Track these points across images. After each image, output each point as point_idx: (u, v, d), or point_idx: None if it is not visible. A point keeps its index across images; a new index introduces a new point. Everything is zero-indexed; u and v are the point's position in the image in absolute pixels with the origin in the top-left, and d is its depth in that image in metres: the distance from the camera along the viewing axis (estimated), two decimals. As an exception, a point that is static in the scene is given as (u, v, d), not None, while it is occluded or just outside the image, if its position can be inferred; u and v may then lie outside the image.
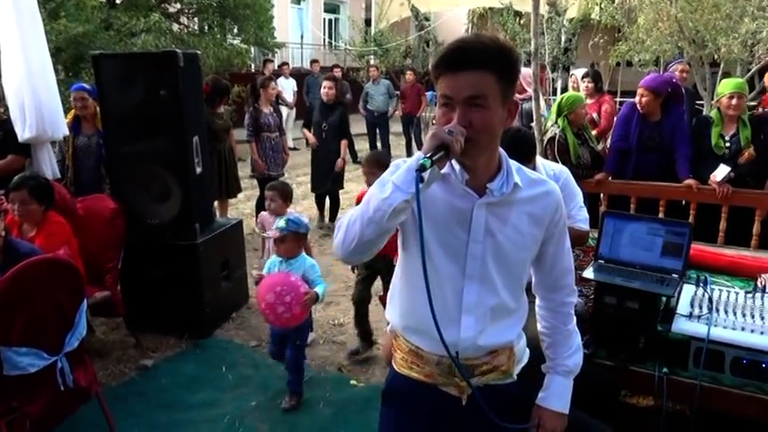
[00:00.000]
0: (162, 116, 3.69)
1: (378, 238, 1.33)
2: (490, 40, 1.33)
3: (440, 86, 1.35)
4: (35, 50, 3.84)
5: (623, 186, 4.27)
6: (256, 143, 5.73)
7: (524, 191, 1.45)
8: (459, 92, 1.31)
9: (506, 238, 1.44)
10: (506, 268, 1.48)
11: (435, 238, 1.44)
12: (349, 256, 1.38)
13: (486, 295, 1.47)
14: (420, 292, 1.40)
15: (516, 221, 1.45)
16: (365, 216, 1.31)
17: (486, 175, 1.43)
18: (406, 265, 1.53)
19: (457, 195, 1.44)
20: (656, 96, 4.19)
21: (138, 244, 3.83)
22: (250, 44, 11.46)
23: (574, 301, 1.65)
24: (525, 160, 2.67)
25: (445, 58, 1.33)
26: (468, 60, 1.30)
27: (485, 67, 1.30)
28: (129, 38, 8.69)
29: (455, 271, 1.46)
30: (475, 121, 1.31)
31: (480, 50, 1.31)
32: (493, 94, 1.32)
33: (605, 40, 11.74)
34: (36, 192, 3.11)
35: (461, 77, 1.30)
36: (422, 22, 15.90)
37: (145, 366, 3.57)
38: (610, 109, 5.39)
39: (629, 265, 2.68)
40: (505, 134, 2.65)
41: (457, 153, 1.27)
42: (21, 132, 3.85)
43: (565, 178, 2.81)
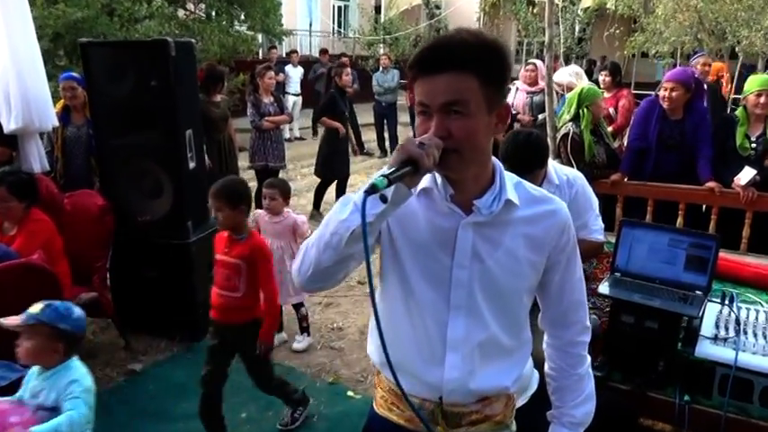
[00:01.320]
0: (153, 108, 3.50)
1: (337, 265, 1.15)
2: (472, 36, 1.14)
3: (416, 92, 1.17)
4: (21, 35, 3.62)
5: (640, 188, 4.04)
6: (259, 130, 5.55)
7: (522, 209, 1.25)
8: (435, 97, 1.13)
9: (497, 264, 1.24)
10: (497, 298, 1.27)
11: (415, 263, 1.25)
12: (307, 285, 1.21)
13: (475, 329, 1.26)
14: (399, 325, 1.25)
15: (510, 244, 1.25)
16: (322, 240, 1.14)
17: (476, 190, 1.23)
18: (385, 296, 1.34)
19: (440, 213, 1.24)
20: (686, 91, 3.93)
21: (129, 242, 3.66)
22: (257, 31, 11.23)
23: (586, 341, 1.42)
24: (537, 167, 2.47)
25: (419, 59, 1.15)
26: (446, 61, 1.11)
27: (465, 69, 1.11)
28: (131, 24, 8.48)
29: (438, 300, 1.26)
30: (455, 130, 1.12)
31: (459, 48, 1.12)
32: (475, 99, 1.13)
33: (621, 30, 11.43)
34: (16, 188, 2.94)
35: (437, 81, 1.12)
36: (432, 11, 15.64)
37: (133, 371, 3.41)
38: (628, 104, 5.14)
39: (648, 279, 2.48)
40: (515, 139, 2.46)
41: (428, 168, 1.08)
42: (6, 123, 3.65)
43: (580, 185, 2.59)
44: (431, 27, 16.17)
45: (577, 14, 12.43)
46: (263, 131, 5.54)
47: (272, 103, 5.62)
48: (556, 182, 2.54)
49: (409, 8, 16.45)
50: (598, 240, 2.61)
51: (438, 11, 15.78)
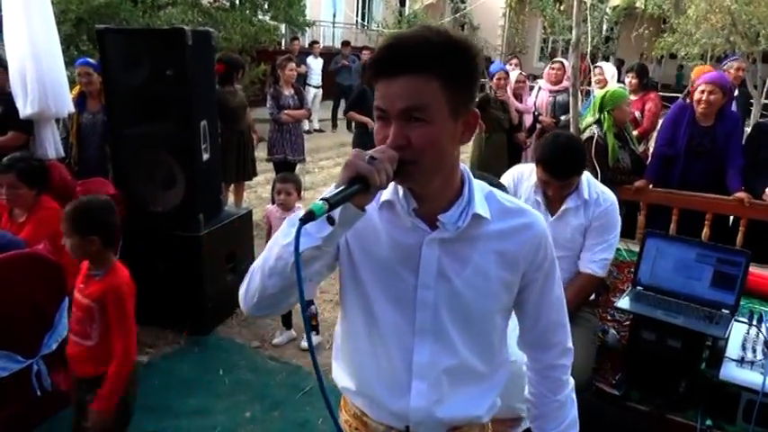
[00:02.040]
0: (168, 98, 3.44)
1: (283, 292, 1.05)
2: (435, 34, 1.02)
3: (375, 95, 1.05)
4: (39, 19, 3.60)
5: (665, 196, 3.89)
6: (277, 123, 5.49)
7: (493, 223, 1.14)
8: (393, 102, 1.01)
9: (466, 284, 1.14)
10: (466, 321, 1.16)
11: (376, 282, 1.15)
12: (253, 312, 1.11)
13: (443, 355, 1.16)
14: (361, 349, 1.16)
15: (480, 262, 1.14)
16: (267, 265, 1.05)
17: (441, 203, 1.12)
18: (346, 318, 1.24)
19: (403, 228, 1.14)
20: (723, 95, 3.77)
21: (139, 232, 3.59)
22: (279, 21, 11.17)
23: (567, 364, 1.32)
24: (577, 173, 2.33)
25: (376, 59, 1.04)
26: (404, 62, 1.00)
27: (425, 70, 1.00)
28: (154, 11, 8.47)
29: (402, 324, 1.16)
30: (414, 139, 1.01)
31: (419, 48, 1.00)
32: (437, 103, 1.01)
33: (650, 31, 11.18)
34: (26, 175, 2.89)
35: (395, 84, 1.01)
36: (457, 5, 15.44)
37: (140, 363, 3.35)
38: (654, 108, 4.97)
39: (672, 295, 2.36)
40: (555, 141, 2.32)
41: (379, 186, 0.97)
42: (22, 108, 3.63)
43: (609, 206, 2.43)
44: (455, 21, 15.98)
45: (606, 13, 12.16)
46: (281, 124, 5.47)
47: (293, 95, 5.54)
48: (585, 196, 2.40)
49: (434, 2, 16.27)
50: (596, 274, 2.44)
51: (463, 5, 15.58)
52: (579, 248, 2.48)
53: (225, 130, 5.03)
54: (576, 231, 2.45)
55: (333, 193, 0.95)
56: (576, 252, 2.49)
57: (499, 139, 5.51)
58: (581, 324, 2.42)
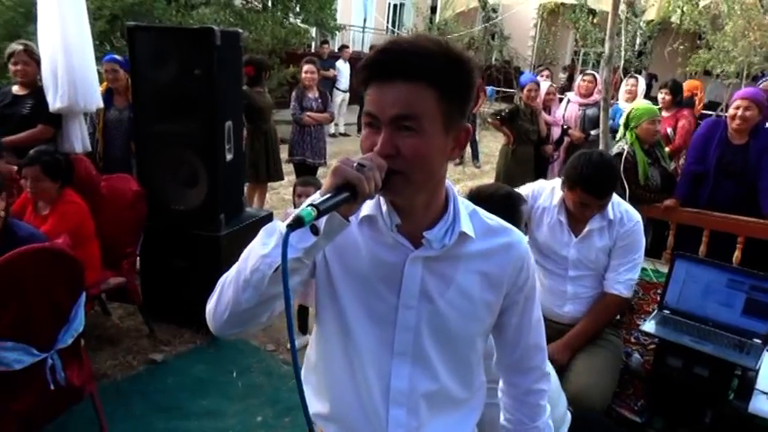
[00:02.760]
0: (195, 96, 3.43)
1: (257, 307, 0.99)
2: (434, 44, 0.99)
3: (366, 99, 1.01)
4: (72, 15, 3.63)
5: (695, 216, 3.78)
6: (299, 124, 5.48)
7: (477, 242, 1.10)
8: (385, 109, 0.97)
9: (449, 305, 1.10)
10: (448, 344, 1.12)
11: (355, 301, 1.10)
12: (222, 329, 1.05)
13: (422, 380, 1.11)
14: (337, 372, 1.10)
15: (464, 283, 1.10)
16: (241, 277, 0.99)
17: (426, 220, 1.08)
18: (321, 338, 1.18)
19: (384, 245, 1.09)
20: (759, 111, 3.65)
21: (160, 230, 3.61)
22: (310, 24, 11.23)
23: (545, 389, 1.28)
24: (611, 192, 2.27)
25: (371, 62, 0.99)
26: (401, 67, 0.96)
27: (422, 79, 0.96)
28: (187, 10, 8.57)
29: (380, 345, 1.11)
30: (404, 149, 0.97)
31: (418, 56, 0.97)
32: (430, 115, 0.98)
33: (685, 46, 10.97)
34: (50, 168, 2.91)
35: (389, 90, 0.97)
36: (489, 14, 15.36)
37: (154, 361, 3.36)
38: (687, 126, 4.85)
39: (700, 320, 2.28)
40: (589, 159, 2.23)
41: (368, 195, 0.92)
42: (52, 101, 3.67)
43: (633, 226, 2.37)
44: (486, 30, 15.90)
45: (639, 27, 11.97)
46: (303, 126, 5.46)
47: (317, 98, 5.53)
48: (609, 216, 2.34)
49: (465, 10, 16.20)
50: (622, 295, 2.38)
51: (494, 14, 15.49)
52: (603, 267, 2.42)
53: (252, 130, 5.07)
54: (600, 252, 2.40)
55: (321, 200, 0.89)
56: (600, 271, 2.43)
57: (526, 150, 5.44)
58: (604, 346, 2.34)
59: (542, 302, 2.48)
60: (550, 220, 2.45)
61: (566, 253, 2.43)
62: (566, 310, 2.47)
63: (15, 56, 3.77)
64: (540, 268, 2.57)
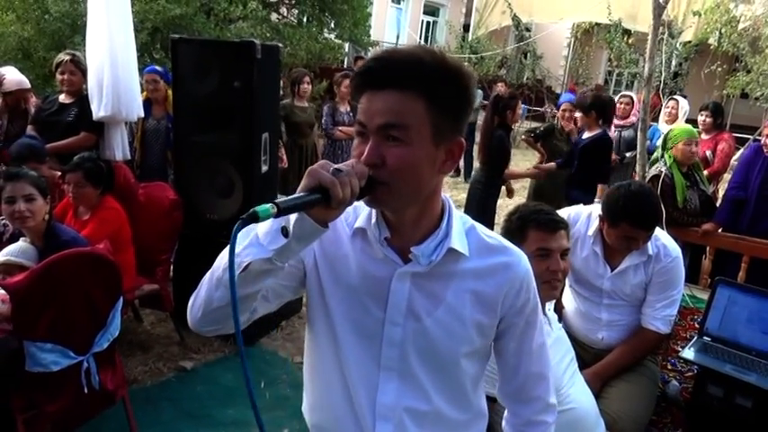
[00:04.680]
0: (233, 108, 3.50)
1: (229, 307, 0.95)
2: (430, 55, 0.96)
3: (358, 108, 1.00)
4: (119, 28, 3.75)
5: (735, 242, 3.69)
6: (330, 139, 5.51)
7: (471, 260, 1.06)
8: (373, 117, 0.95)
9: (436, 324, 1.06)
10: (436, 364, 1.09)
11: (343, 312, 1.08)
12: (197, 326, 1.06)
13: (410, 398, 1.08)
14: (328, 382, 1.09)
15: (454, 302, 1.06)
16: (214, 275, 0.99)
17: (417, 235, 1.05)
18: (313, 345, 1.16)
19: (374, 259, 1.07)
20: None
21: (194, 238, 3.66)
22: (344, 40, 11.36)
23: (549, 421, 1.22)
24: (654, 225, 2.20)
25: (363, 70, 0.98)
26: (391, 76, 0.95)
27: (411, 88, 0.94)
28: (225, 24, 8.75)
29: (368, 359, 1.09)
30: (390, 158, 0.95)
31: (409, 64, 0.95)
32: (418, 124, 0.95)
33: (723, 68, 10.78)
34: (92, 175, 2.99)
35: (378, 98, 0.95)
36: (522, 33, 15.32)
37: (184, 368, 3.39)
38: (727, 149, 4.75)
39: (743, 349, 2.21)
40: (632, 192, 2.15)
41: (341, 200, 0.89)
42: (96, 110, 3.78)
43: (671, 262, 2.28)
44: (518, 49, 15.88)
45: (675, 48, 11.81)
46: (335, 140, 5.51)
47: (348, 112, 5.58)
48: (649, 251, 2.26)
49: (498, 29, 16.19)
50: (660, 331, 2.30)
51: (528, 33, 15.46)
52: (638, 299, 2.36)
53: (289, 143, 5.14)
54: (636, 288, 2.33)
55: (285, 199, 0.87)
56: (634, 303, 2.37)
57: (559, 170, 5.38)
58: (640, 372, 2.28)
59: (577, 327, 2.48)
60: (585, 251, 2.38)
61: (600, 284, 2.37)
62: (600, 336, 2.42)
63: (63, 65, 3.89)
64: (574, 293, 2.52)
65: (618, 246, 2.25)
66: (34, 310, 2.23)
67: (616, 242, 2.24)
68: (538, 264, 1.19)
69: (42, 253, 2.48)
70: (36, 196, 2.52)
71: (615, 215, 2.18)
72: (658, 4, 3.98)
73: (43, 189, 2.57)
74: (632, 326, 2.35)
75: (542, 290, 1.25)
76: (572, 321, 2.50)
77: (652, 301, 2.29)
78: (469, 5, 18.07)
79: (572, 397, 1.81)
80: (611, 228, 2.22)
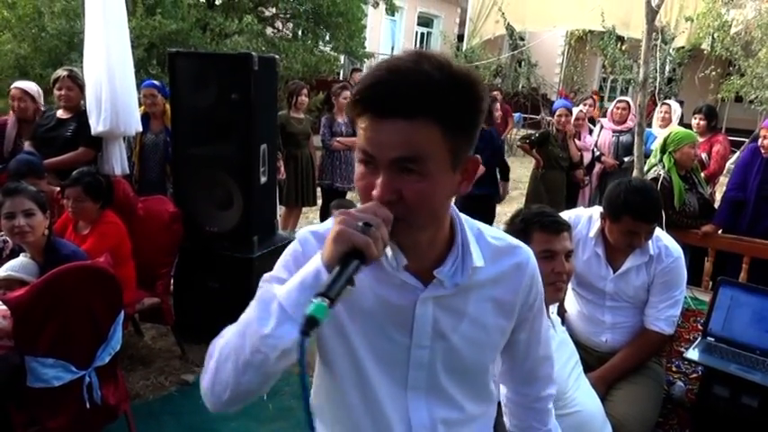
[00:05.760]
0: (231, 120, 3.50)
1: (262, 385, 0.94)
2: (437, 68, 0.86)
3: (358, 132, 0.90)
4: (117, 43, 3.77)
5: (735, 243, 3.69)
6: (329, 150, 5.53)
7: (487, 269, 1.03)
8: (383, 150, 0.86)
9: (463, 339, 1.05)
10: (464, 375, 1.08)
11: (365, 341, 1.03)
12: (222, 408, 0.98)
13: (440, 409, 1.07)
14: (351, 408, 1.05)
15: (476, 313, 1.05)
16: (241, 358, 0.90)
17: (432, 255, 1.01)
18: (329, 374, 1.10)
19: (392, 286, 1.01)
20: None
21: (194, 251, 3.66)
22: (340, 52, 11.44)
23: (553, 394, 1.27)
24: (656, 218, 2.21)
25: (365, 97, 0.87)
26: (400, 102, 0.84)
27: (425, 114, 0.85)
28: (221, 39, 8.81)
29: (393, 382, 1.06)
30: (407, 193, 0.88)
31: (419, 86, 0.84)
32: (436, 154, 0.87)
33: (717, 72, 10.85)
34: (91, 189, 2.99)
35: (387, 128, 0.85)
36: (516, 42, 15.42)
37: (186, 382, 3.37)
38: (723, 151, 4.78)
39: (747, 348, 2.20)
40: (632, 188, 2.16)
41: (376, 257, 0.84)
42: (94, 125, 3.79)
43: (672, 262, 2.28)
44: (513, 58, 15.98)
45: (669, 54, 11.90)
46: (333, 151, 5.52)
47: (346, 123, 5.59)
48: (650, 252, 2.27)
49: (492, 38, 16.30)
50: (664, 332, 2.31)
51: (522, 42, 15.56)
52: (641, 301, 2.36)
53: (285, 154, 5.15)
54: (639, 289, 2.33)
55: (329, 283, 0.82)
56: (637, 304, 2.37)
57: (556, 176, 5.39)
58: (645, 374, 2.28)
59: (581, 330, 2.47)
60: (587, 253, 2.39)
61: (602, 286, 2.37)
62: (604, 338, 2.41)
63: (60, 81, 3.91)
64: (576, 296, 2.52)
65: (620, 243, 2.25)
66: (35, 325, 2.22)
67: (619, 239, 2.24)
68: (542, 265, 1.20)
69: (43, 268, 2.47)
70: (35, 211, 2.52)
71: (617, 210, 2.19)
72: (651, 9, 4.02)
73: (42, 204, 2.57)
74: (636, 328, 2.35)
75: (547, 292, 1.26)
76: (575, 324, 2.50)
77: (655, 302, 2.29)
78: (463, 16, 18.22)
79: (577, 400, 1.80)
80: (613, 224, 2.23)
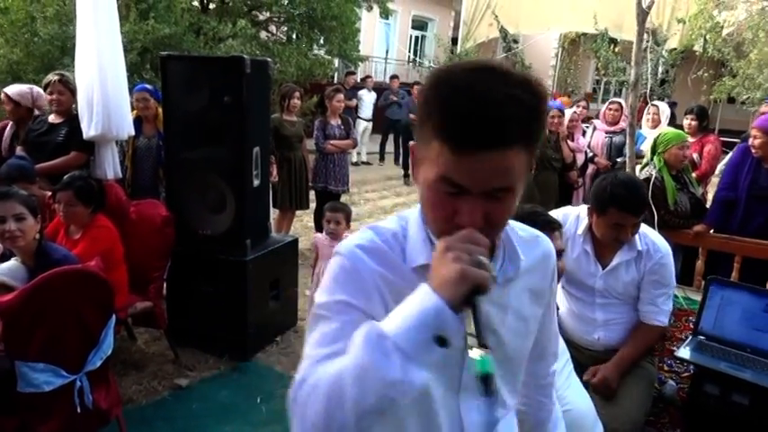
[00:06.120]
0: (224, 124, 3.51)
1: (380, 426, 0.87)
2: (524, 90, 0.86)
3: (441, 163, 0.87)
4: (108, 47, 3.76)
5: (726, 242, 3.71)
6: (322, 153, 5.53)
7: (524, 260, 1.06)
8: (479, 182, 0.87)
9: (509, 332, 1.06)
10: (508, 370, 1.09)
11: None
12: None
13: (489, 406, 1.07)
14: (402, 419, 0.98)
15: (517, 305, 1.07)
16: (361, 405, 0.83)
17: None
18: None
19: None
20: None
21: (187, 255, 3.65)
22: (334, 56, 11.43)
23: (556, 370, 1.31)
24: (642, 210, 2.23)
25: (459, 127, 0.84)
26: (498, 135, 0.84)
27: (518, 141, 0.86)
28: (215, 43, 8.80)
29: (446, 389, 1.04)
30: (494, 216, 0.90)
31: (515, 116, 0.84)
32: (522, 175, 0.90)
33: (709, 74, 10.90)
34: (82, 193, 2.98)
35: (484, 161, 0.85)
36: (510, 44, 15.46)
37: (179, 386, 3.36)
38: (714, 151, 4.80)
39: (737, 347, 2.21)
40: (617, 180, 2.20)
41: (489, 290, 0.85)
42: (86, 129, 3.77)
43: (661, 258, 2.31)
44: (507, 60, 16.00)
45: (662, 55, 11.95)
46: (326, 154, 5.52)
47: (339, 125, 5.60)
48: (638, 247, 2.30)
49: (486, 41, 16.32)
50: (662, 325, 2.33)
51: (515, 45, 15.60)
52: (631, 297, 2.38)
53: (278, 157, 5.15)
54: (628, 285, 2.35)
55: (478, 331, 0.84)
56: (627, 300, 2.38)
57: (549, 177, 5.40)
58: (637, 373, 2.28)
59: (572, 329, 2.48)
60: (576, 250, 2.41)
61: (592, 283, 2.39)
62: (596, 336, 2.42)
63: (51, 86, 3.90)
64: (566, 294, 2.53)
65: (607, 237, 2.27)
66: (25, 329, 2.21)
67: (606, 233, 2.26)
68: None
69: (33, 272, 2.46)
70: (26, 215, 2.51)
71: (603, 202, 2.22)
72: (642, 9, 4.04)
73: (33, 208, 2.56)
74: (628, 324, 2.36)
75: None
76: (566, 323, 2.50)
77: (652, 298, 2.30)
78: (457, 19, 18.24)
79: (568, 399, 1.81)
80: (599, 217, 2.26)
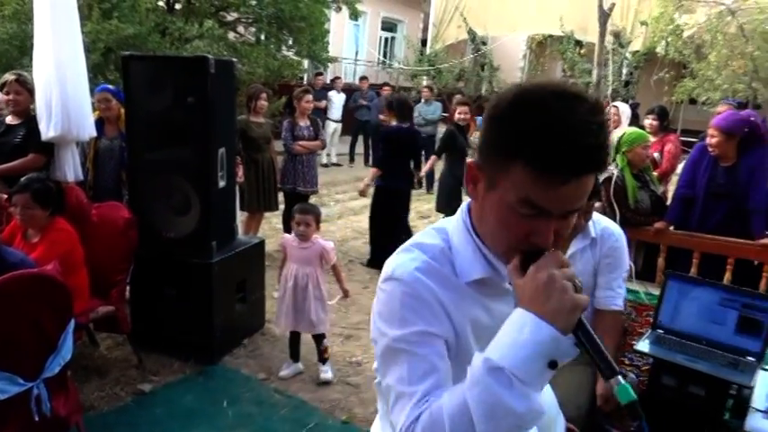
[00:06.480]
0: (188, 124, 3.47)
1: None
2: (601, 114, 0.92)
3: (524, 185, 0.90)
4: (68, 47, 3.67)
5: (686, 239, 3.80)
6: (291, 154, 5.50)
7: None
8: (565, 206, 0.92)
9: None
10: None
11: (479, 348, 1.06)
12: None
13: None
14: None
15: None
16: None
17: None
18: None
19: (501, 299, 1.07)
20: (727, 138, 3.72)
21: (151, 258, 3.59)
22: (303, 57, 11.38)
23: None
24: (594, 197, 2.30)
25: (552, 154, 0.87)
26: (594, 163, 0.90)
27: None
28: (181, 43, 8.67)
29: None
30: (562, 231, 0.95)
31: (603, 142, 0.90)
32: None
33: (670, 75, 11.17)
34: (40, 196, 2.90)
35: (571, 187, 0.89)
36: (478, 45, 15.62)
37: (142, 392, 3.30)
38: (674, 150, 4.93)
39: (693, 339, 2.27)
40: None
41: None
42: (45, 131, 3.68)
43: (615, 241, 2.34)
44: (475, 61, 16.16)
45: (625, 57, 12.21)
46: (295, 155, 5.49)
47: (308, 126, 5.57)
48: (592, 234, 2.32)
49: (455, 42, 16.48)
50: (619, 308, 2.35)
51: (484, 46, 15.77)
52: (588, 286, 2.39)
53: (245, 159, 5.10)
54: (585, 274, 2.35)
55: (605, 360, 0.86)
56: (586, 291, 2.40)
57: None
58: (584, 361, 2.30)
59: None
60: None
61: None
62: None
63: (7, 86, 3.79)
64: None
65: None
66: (-21, 335, 2.15)
67: None
68: None
69: (-12, 277, 2.39)
70: (-20, 219, 2.44)
71: None
72: (603, 12, 4.12)
73: (-13, 211, 2.49)
74: (589, 315, 2.38)
75: None
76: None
77: (608, 281, 2.31)
78: (426, 21, 18.35)
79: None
80: None
